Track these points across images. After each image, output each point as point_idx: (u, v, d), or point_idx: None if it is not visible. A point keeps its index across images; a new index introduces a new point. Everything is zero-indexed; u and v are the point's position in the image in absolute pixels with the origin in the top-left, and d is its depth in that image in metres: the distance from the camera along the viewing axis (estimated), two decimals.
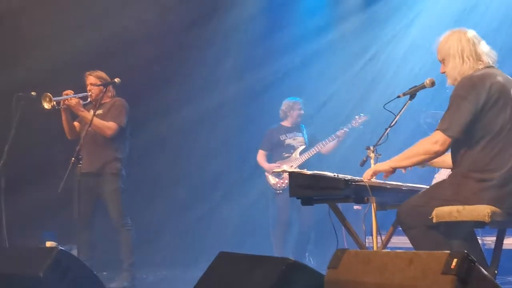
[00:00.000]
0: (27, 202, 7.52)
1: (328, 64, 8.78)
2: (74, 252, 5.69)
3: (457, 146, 3.64)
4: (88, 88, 6.25)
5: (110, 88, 6.26)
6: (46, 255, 4.54)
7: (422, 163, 3.78)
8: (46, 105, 5.96)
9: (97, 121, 6.05)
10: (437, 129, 3.62)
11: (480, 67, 3.69)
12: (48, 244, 5.73)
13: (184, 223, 8.53)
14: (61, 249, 4.68)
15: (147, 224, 8.14)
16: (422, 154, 3.67)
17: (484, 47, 3.76)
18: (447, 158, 3.83)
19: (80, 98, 6.11)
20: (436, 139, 3.59)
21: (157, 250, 8.29)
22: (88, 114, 6.01)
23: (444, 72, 3.84)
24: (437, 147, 3.58)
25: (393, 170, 3.77)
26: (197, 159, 8.90)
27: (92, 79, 6.26)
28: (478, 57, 3.71)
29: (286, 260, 3.05)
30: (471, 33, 3.79)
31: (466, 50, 3.72)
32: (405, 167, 3.86)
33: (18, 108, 6.29)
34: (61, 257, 4.56)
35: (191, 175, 8.82)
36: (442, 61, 3.84)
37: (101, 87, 6.17)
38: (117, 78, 6.04)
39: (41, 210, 7.43)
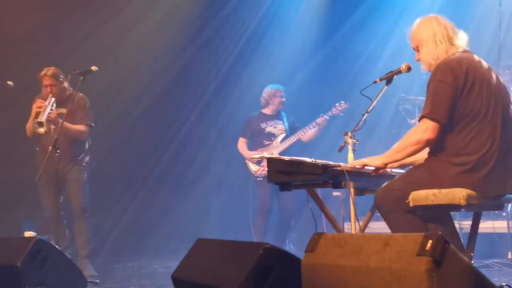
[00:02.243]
0: (6, 193, 7.49)
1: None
2: (53, 242, 5.66)
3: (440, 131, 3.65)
4: (48, 90, 6.12)
5: (65, 81, 6.20)
6: (24, 245, 4.54)
7: (414, 153, 3.69)
8: (43, 130, 5.89)
9: (69, 128, 6.09)
10: (422, 116, 3.61)
11: (454, 50, 3.71)
12: (27, 234, 5.72)
13: (164, 212, 8.53)
14: (40, 238, 4.67)
15: (128, 213, 8.16)
16: (414, 145, 3.62)
17: (456, 31, 3.78)
18: (421, 155, 3.81)
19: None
20: (426, 127, 3.57)
21: (136, 239, 8.30)
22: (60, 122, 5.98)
23: (419, 60, 3.85)
24: (427, 135, 3.56)
25: (385, 166, 3.72)
26: (175, 149, 8.90)
27: (48, 80, 6.13)
28: (450, 40, 3.73)
29: (263, 244, 3.05)
30: (442, 17, 3.81)
31: (438, 33, 3.73)
32: (398, 161, 3.77)
33: None
34: (40, 247, 4.56)
35: (172, 165, 8.82)
36: (416, 49, 3.85)
37: (60, 85, 6.13)
38: (94, 67, 5.99)
39: (20, 201, 7.41)
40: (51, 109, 5.95)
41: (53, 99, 6.06)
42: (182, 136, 8.97)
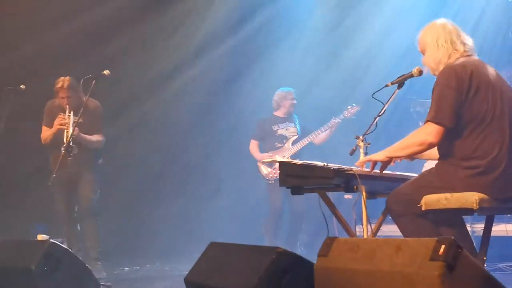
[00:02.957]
0: (19, 195, 7.53)
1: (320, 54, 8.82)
2: (65, 245, 5.69)
3: (443, 135, 3.66)
4: (65, 102, 6.16)
5: (80, 90, 6.24)
6: (38, 248, 4.57)
7: (416, 154, 3.75)
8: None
9: (89, 141, 6.19)
10: (427, 120, 3.62)
11: (457, 55, 3.72)
12: (40, 237, 5.75)
13: (176, 215, 8.55)
14: (53, 241, 4.70)
15: (139, 217, 8.18)
16: (417, 145, 3.64)
17: (462, 36, 3.78)
18: (434, 149, 3.83)
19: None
20: (430, 130, 3.58)
21: (149, 242, 8.32)
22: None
23: (424, 64, 3.88)
24: (431, 138, 3.57)
25: (390, 159, 3.74)
26: (187, 152, 8.92)
27: (65, 92, 6.16)
28: (453, 45, 3.74)
29: (276, 249, 3.06)
30: (449, 22, 3.83)
31: (441, 37, 3.76)
32: (400, 158, 3.84)
33: (7, 102, 6.28)
34: (53, 250, 4.59)
35: (181, 168, 8.83)
36: (422, 52, 3.88)
37: (76, 96, 6.17)
38: (106, 71, 6.02)
39: (33, 203, 7.44)
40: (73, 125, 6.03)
41: (72, 112, 6.11)
42: (194, 139, 8.99)
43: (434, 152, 3.83)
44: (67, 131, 6.01)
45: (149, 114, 8.82)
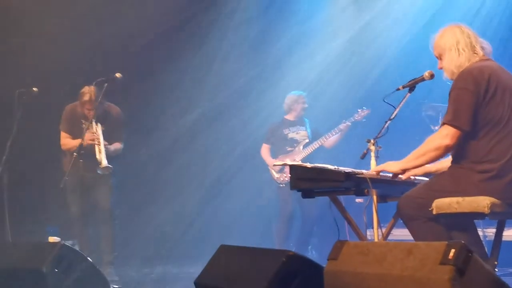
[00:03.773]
0: (31, 197, 7.56)
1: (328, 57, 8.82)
2: (77, 247, 5.71)
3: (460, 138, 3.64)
4: (91, 113, 6.18)
5: (104, 99, 6.25)
6: (49, 250, 4.59)
7: (434, 160, 3.70)
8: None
9: (112, 150, 6.24)
10: (443, 123, 3.61)
11: (476, 59, 3.71)
12: (51, 239, 5.78)
13: (186, 218, 8.55)
14: (64, 244, 4.72)
15: (149, 220, 8.18)
16: (433, 150, 3.61)
17: (479, 39, 3.78)
18: (446, 163, 3.81)
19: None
20: (446, 133, 3.57)
21: (159, 245, 8.32)
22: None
23: (441, 68, 3.85)
24: (447, 141, 3.56)
25: (403, 172, 3.73)
26: (199, 154, 8.92)
27: (91, 104, 6.18)
28: (473, 49, 3.74)
29: (286, 252, 3.06)
30: (465, 26, 3.82)
31: (462, 42, 3.74)
32: (417, 167, 3.76)
33: (20, 104, 6.32)
34: (64, 252, 4.61)
35: (192, 171, 8.84)
36: (439, 57, 3.86)
37: (100, 106, 6.18)
38: (118, 73, 6.05)
39: (44, 205, 7.47)
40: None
41: (99, 124, 6.17)
42: (204, 142, 8.99)
43: (446, 164, 3.80)
44: (98, 146, 6.06)
45: (160, 117, 8.82)
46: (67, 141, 6.30)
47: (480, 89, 3.54)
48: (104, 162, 6.00)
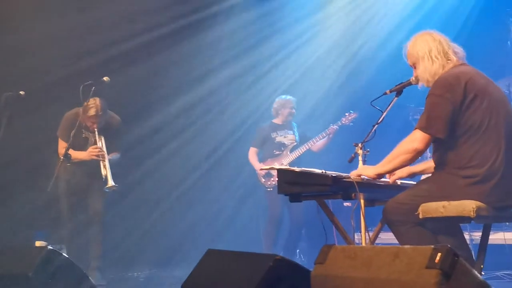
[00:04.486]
0: (18, 201, 7.51)
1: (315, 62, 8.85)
2: (64, 252, 5.68)
3: (438, 145, 3.68)
4: (94, 126, 6.19)
5: (107, 111, 6.26)
6: (36, 254, 4.54)
7: (406, 163, 3.74)
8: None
9: (111, 162, 6.21)
10: (416, 128, 3.65)
11: (451, 65, 3.73)
12: (38, 243, 5.73)
13: (174, 221, 8.53)
14: (51, 248, 4.68)
15: (135, 223, 8.15)
16: (404, 154, 3.67)
17: (451, 44, 3.80)
18: (431, 163, 3.84)
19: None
20: (415, 137, 3.62)
21: (145, 249, 8.29)
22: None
23: (416, 77, 3.88)
24: (415, 144, 3.61)
25: (377, 176, 3.79)
26: (185, 158, 8.90)
27: (98, 118, 6.18)
28: (446, 55, 3.76)
29: (273, 256, 3.06)
30: (436, 32, 3.85)
31: (434, 49, 3.77)
32: (389, 171, 3.85)
33: (7, 108, 6.28)
34: (51, 256, 4.56)
35: (179, 175, 8.81)
36: (413, 66, 3.89)
37: (104, 118, 6.19)
38: (106, 77, 6.04)
39: (32, 210, 7.42)
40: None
41: (102, 138, 6.19)
42: (190, 146, 8.97)
43: (432, 166, 3.83)
44: (103, 162, 6.08)
45: (153, 121, 8.80)
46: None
47: (457, 96, 3.56)
48: (111, 182, 6.03)
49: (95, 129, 6.17)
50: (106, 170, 6.06)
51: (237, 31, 8.93)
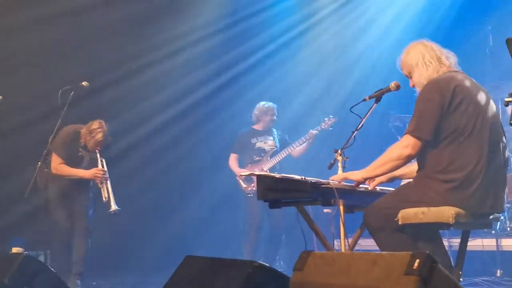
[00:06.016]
0: None
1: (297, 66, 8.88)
2: (42, 258, 5.63)
3: (422, 148, 3.68)
4: (98, 149, 6.17)
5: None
6: (12, 261, 4.49)
7: (395, 169, 3.76)
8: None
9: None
10: (406, 133, 3.66)
11: (444, 69, 3.75)
12: (14, 250, 5.68)
13: (153, 228, 8.49)
14: (27, 254, 4.64)
15: (115, 230, 8.08)
16: (395, 160, 3.68)
17: (443, 50, 3.83)
18: (414, 167, 3.85)
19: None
20: (407, 143, 3.62)
21: (124, 256, 8.24)
22: None
23: (413, 85, 3.88)
24: (408, 151, 3.62)
25: (364, 180, 3.82)
26: (163, 165, 8.86)
27: (103, 142, 6.16)
28: (439, 60, 3.79)
29: (252, 263, 3.04)
30: (428, 40, 3.89)
31: (427, 55, 3.79)
32: (379, 175, 3.86)
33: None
34: (27, 263, 4.51)
35: (160, 180, 8.77)
36: (409, 75, 3.89)
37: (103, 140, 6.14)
38: (85, 82, 6.00)
39: (9, 216, 7.35)
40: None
41: (103, 160, 6.18)
42: (172, 152, 8.94)
43: (415, 169, 3.84)
44: (106, 185, 6.09)
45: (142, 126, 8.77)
46: (64, 169, 6.16)
47: (445, 99, 3.57)
48: (114, 206, 6.03)
49: (97, 151, 6.14)
50: (109, 194, 6.03)
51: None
